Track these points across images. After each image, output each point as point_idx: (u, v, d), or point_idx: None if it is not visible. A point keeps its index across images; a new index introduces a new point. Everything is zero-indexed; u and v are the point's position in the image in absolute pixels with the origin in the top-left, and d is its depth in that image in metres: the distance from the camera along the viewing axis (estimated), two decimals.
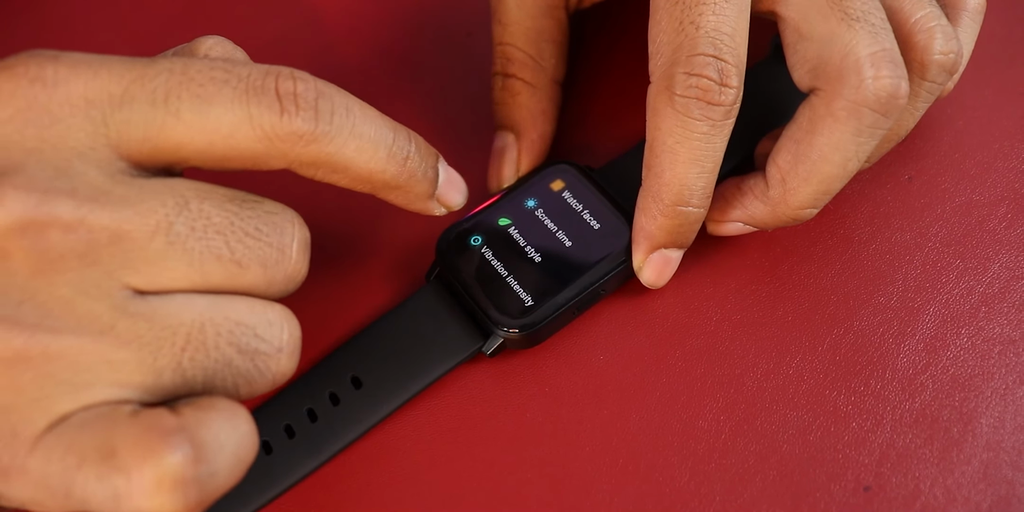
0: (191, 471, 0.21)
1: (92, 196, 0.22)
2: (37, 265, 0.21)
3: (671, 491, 0.29)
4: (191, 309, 0.23)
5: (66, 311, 0.21)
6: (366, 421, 0.30)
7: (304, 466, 0.29)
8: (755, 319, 0.32)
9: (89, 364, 0.22)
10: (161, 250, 0.22)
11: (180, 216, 0.22)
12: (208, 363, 0.23)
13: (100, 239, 0.21)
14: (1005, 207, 0.34)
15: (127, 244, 0.22)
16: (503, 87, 0.34)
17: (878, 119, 0.28)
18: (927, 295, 0.32)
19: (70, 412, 0.22)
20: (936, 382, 0.30)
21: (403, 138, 0.26)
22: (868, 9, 0.28)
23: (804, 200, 0.29)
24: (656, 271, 0.31)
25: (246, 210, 0.23)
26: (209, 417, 0.22)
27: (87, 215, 0.21)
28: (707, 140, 0.28)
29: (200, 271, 0.23)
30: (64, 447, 0.21)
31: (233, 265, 0.23)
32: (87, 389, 0.22)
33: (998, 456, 0.29)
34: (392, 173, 0.25)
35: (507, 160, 0.33)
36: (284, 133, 0.23)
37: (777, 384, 0.31)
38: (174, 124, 0.23)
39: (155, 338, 0.22)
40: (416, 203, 0.27)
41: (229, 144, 0.23)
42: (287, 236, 0.24)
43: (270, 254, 0.23)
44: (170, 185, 0.23)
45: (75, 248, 0.21)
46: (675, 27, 0.27)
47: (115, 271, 0.22)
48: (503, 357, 0.31)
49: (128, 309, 0.22)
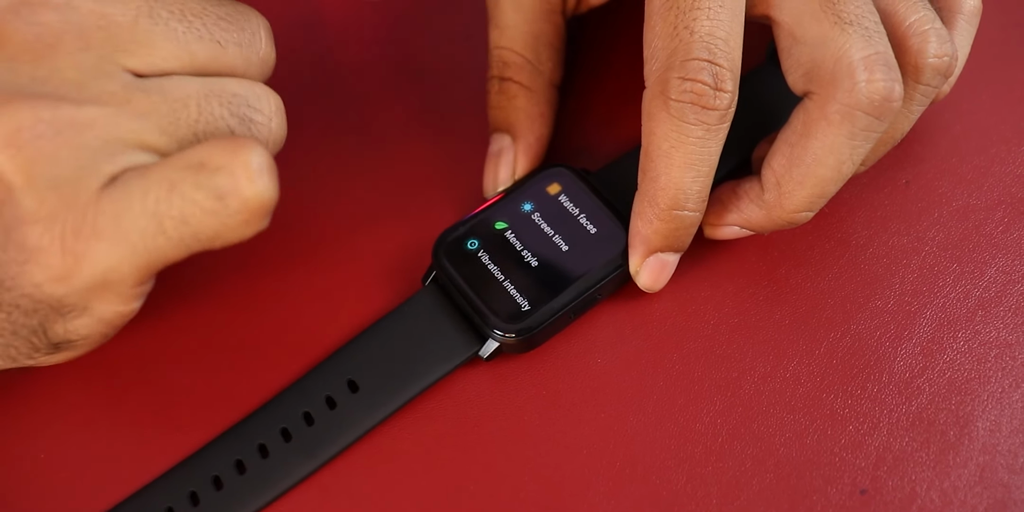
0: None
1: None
2: (36, 47, 0.22)
3: (668, 494, 0.29)
4: (192, 84, 0.24)
5: (81, 89, 0.23)
6: (362, 425, 0.30)
7: (300, 470, 0.29)
8: (752, 322, 0.32)
9: (116, 132, 0.23)
10: (147, 30, 0.24)
11: (158, 1, 0.24)
12: (215, 130, 0.24)
13: (88, 21, 0.23)
14: (1002, 211, 0.34)
15: (114, 28, 0.23)
16: (499, 90, 0.34)
17: (872, 122, 0.28)
18: (924, 299, 0.32)
19: (113, 173, 0.23)
20: (933, 386, 0.30)
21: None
22: (862, 13, 0.28)
23: (799, 203, 0.29)
24: (652, 275, 0.31)
25: (214, 2, 0.25)
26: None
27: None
28: (702, 144, 0.28)
29: (187, 50, 0.24)
30: (135, 191, 0.23)
31: (214, 44, 0.25)
32: (122, 154, 0.23)
33: (994, 459, 0.29)
34: None
35: (503, 163, 0.33)
36: None
37: (774, 387, 0.31)
38: None
39: (170, 110, 0.24)
40: None
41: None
42: (254, 23, 0.26)
43: (243, 37, 0.25)
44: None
45: (68, 28, 0.23)
46: (669, 32, 0.28)
47: (111, 54, 0.23)
48: (500, 361, 0.31)
49: (140, 86, 0.24)
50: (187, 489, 0.29)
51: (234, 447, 0.30)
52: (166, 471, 0.30)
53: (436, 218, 0.34)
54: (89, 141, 0.23)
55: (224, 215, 0.23)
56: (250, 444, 0.30)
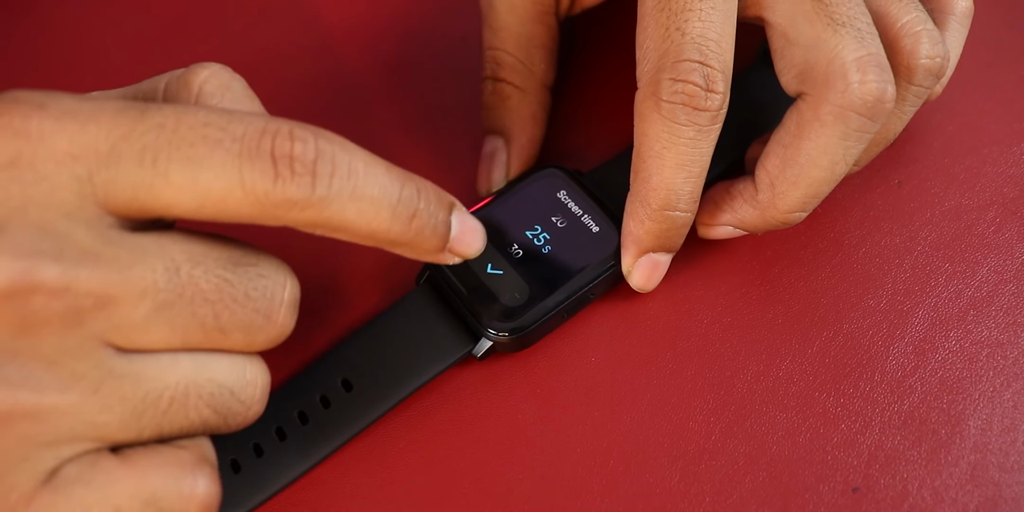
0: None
1: (79, 259, 0.21)
2: (19, 328, 0.21)
3: (661, 492, 0.29)
4: (176, 371, 0.23)
5: (49, 371, 0.21)
6: (357, 424, 0.30)
7: (295, 469, 0.29)
8: (745, 322, 0.32)
9: (72, 424, 0.21)
10: (146, 316, 0.22)
11: (169, 283, 0.22)
12: (185, 423, 0.23)
13: (85, 304, 0.21)
14: (994, 211, 0.34)
15: (112, 309, 0.21)
16: (493, 91, 0.34)
17: (865, 123, 0.28)
18: (916, 298, 0.32)
19: (55, 467, 0.22)
20: (925, 384, 0.31)
21: (410, 193, 0.24)
22: (854, 14, 0.28)
23: (793, 204, 0.30)
24: (645, 275, 0.31)
25: (238, 275, 0.23)
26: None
27: (73, 280, 0.21)
28: (693, 145, 0.28)
29: (182, 337, 0.22)
30: (76, 504, 0.21)
31: (216, 331, 0.23)
32: (69, 444, 0.22)
33: (986, 458, 0.29)
34: (397, 232, 0.24)
35: (496, 164, 0.34)
36: (278, 200, 0.22)
37: (767, 386, 0.31)
38: (162, 186, 0.21)
39: (140, 401, 0.22)
40: (427, 256, 0.25)
41: (220, 208, 0.22)
42: (276, 301, 0.23)
43: (255, 320, 0.23)
44: (161, 246, 0.22)
45: (60, 313, 0.21)
46: (661, 33, 0.28)
47: (100, 333, 0.21)
48: (493, 360, 0.32)
49: (114, 370, 0.22)
50: None
51: (229, 446, 0.30)
52: None
53: None
54: (40, 434, 0.21)
55: None
56: (245, 443, 0.30)
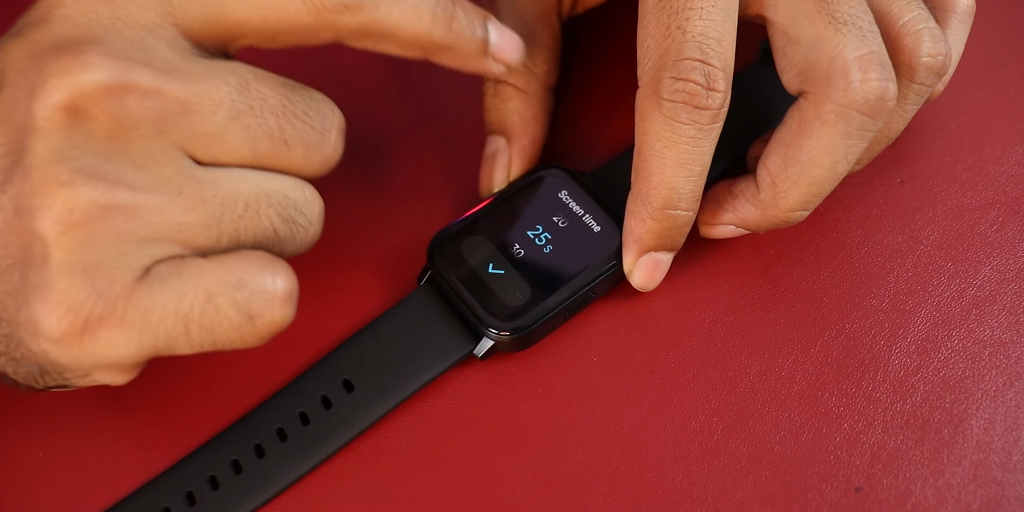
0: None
1: (165, 69, 0.24)
2: (115, 128, 0.23)
3: (664, 492, 0.29)
4: (248, 181, 0.25)
5: (140, 173, 0.23)
6: (358, 424, 0.30)
7: (296, 469, 0.29)
8: (747, 321, 0.32)
9: (161, 224, 0.23)
10: (223, 124, 0.24)
11: (240, 95, 0.24)
12: (258, 230, 0.25)
13: (171, 109, 0.23)
14: (996, 211, 0.34)
15: (194, 116, 0.24)
16: (494, 92, 0.34)
17: (866, 122, 0.28)
18: (919, 298, 0.32)
19: (148, 265, 0.24)
20: (927, 384, 0.31)
21: (446, 1, 0.27)
22: (856, 12, 0.28)
23: (794, 203, 0.29)
24: (646, 274, 0.31)
25: (296, 95, 0.25)
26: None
27: (162, 85, 0.23)
28: (695, 144, 0.28)
29: (252, 146, 0.24)
30: (172, 293, 0.23)
31: (281, 143, 0.25)
32: (159, 244, 0.24)
33: (988, 457, 0.29)
34: (439, 34, 0.27)
35: (498, 165, 0.33)
36: (331, 4, 0.25)
37: (769, 386, 0.31)
38: (232, 3, 0.25)
39: (219, 205, 0.24)
40: (471, 62, 0.28)
41: (281, 17, 0.25)
42: (328, 122, 0.26)
43: (313, 137, 0.25)
44: (231, 67, 0.25)
45: (150, 115, 0.23)
46: (662, 32, 0.28)
47: (181, 140, 0.24)
48: (495, 359, 0.32)
49: (194, 176, 0.24)
50: (184, 489, 0.29)
51: (230, 447, 0.30)
52: (163, 471, 0.30)
53: (431, 218, 0.34)
54: (134, 231, 0.23)
55: (247, 332, 0.24)
56: (246, 444, 0.30)
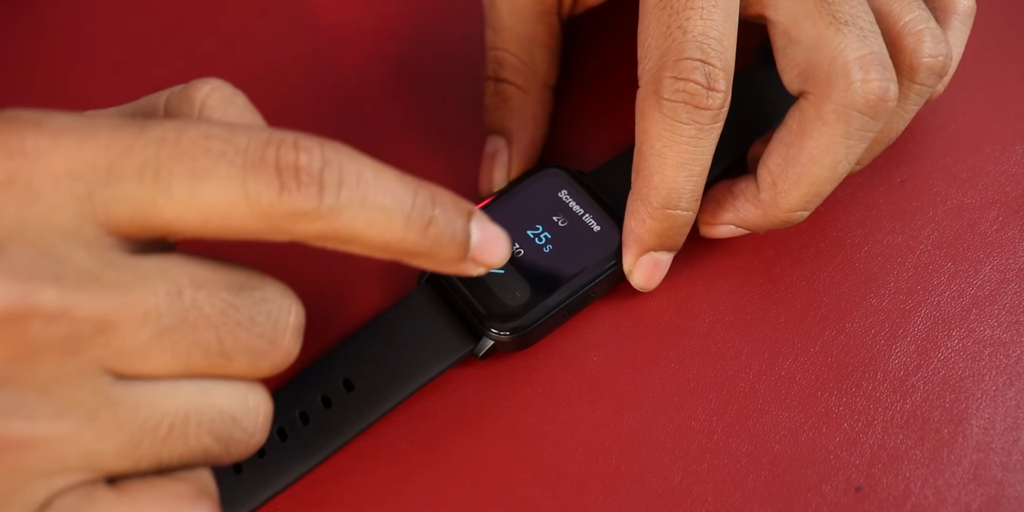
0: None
1: (78, 282, 0.20)
2: (15, 354, 0.20)
3: (663, 492, 0.29)
4: (176, 398, 0.22)
5: (45, 399, 0.20)
6: (358, 424, 0.30)
7: (297, 469, 0.29)
8: (747, 321, 0.32)
9: (66, 455, 0.21)
10: (147, 342, 0.21)
11: (171, 307, 0.21)
12: (185, 451, 0.22)
13: (84, 330, 0.20)
14: (996, 210, 0.34)
15: (112, 334, 0.20)
16: (494, 92, 0.34)
17: (867, 122, 0.28)
18: (918, 297, 0.32)
19: (47, 499, 0.21)
20: (927, 383, 0.31)
21: (424, 201, 0.23)
22: (857, 12, 0.28)
23: (795, 203, 0.29)
24: (646, 274, 0.31)
25: (242, 298, 0.22)
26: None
27: (71, 305, 0.20)
28: (695, 144, 0.28)
29: (185, 363, 0.21)
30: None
31: (220, 357, 0.22)
32: (63, 475, 0.21)
33: (988, 457, 0.29)
34: (412, 241, 0.23)
35: (498, 164, 0.34)
36: (285, 212, 0.21)
37: (769, 385, 0.31)
38: (165, 202, 0.21)
39: (138, 429, 0.21)
40: (448, 267, 0.24)
41: (225, 222, 0.21)
42: (280, 326, 0.23)
43: (260, 345, 0.22)
44: (163, 269, 0.21)
45: (57, 339, 0.20)
46: (663, 31, 0.28)
47: (98, 359, 0.21)
48: (495, 359, 0.32)
49: (111, 396, 0.21)
50: None
51: None
52: None
53: None
54: (31, 465, 0.20)
55: None
56: None
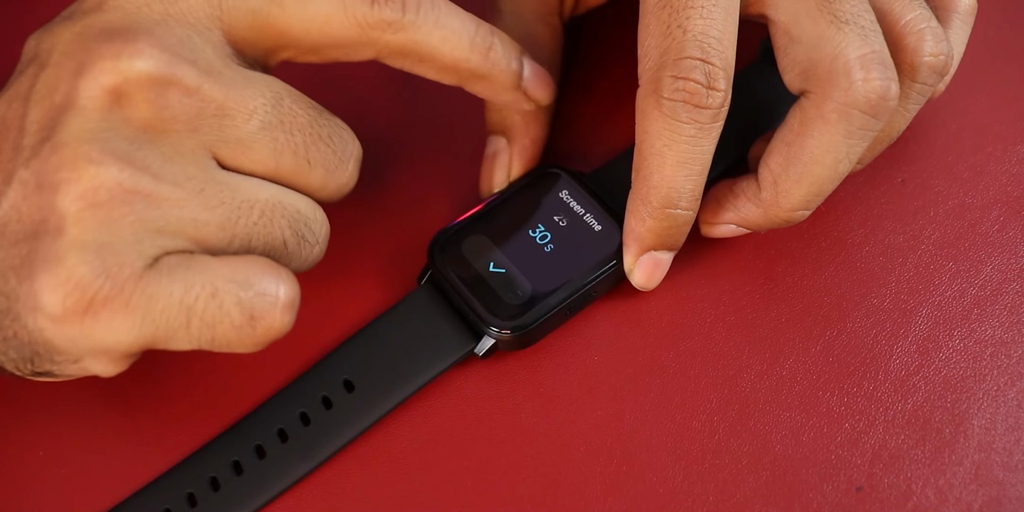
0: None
1: (208, 70, 0.24)
2: (152, 119, 0.24)
3: (665, 491, 0.29)
4: (266, 191, 0.25)
5: (166, 165, 0.24)
6: (359, 424, 0.30)
7: (298, 469, 0.29)
8: (748, 320, 0.32)
9: (179, 217, 0.24)
10: (253, 133, 0.25)
11: (274, 108, 0.25)
12: (269, 239, 0.25)
13: (208, 109, 0.24)
14: (998, 210, 0.34)
15: (227, 120, 0.24)
16: None
17: (868, 121, 0.28)
18: (920, 297, 0.32)
19: (159, 255, 0.24)
20: (928, 383, 0.31)
21: (486, 31, 0.28)
22: (858, 11, 0.28)
23: (796, 202, 0.29)
24: (646, 273, 0.31)
25: (324, 118, 0.26)
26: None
27: (203, 85, 0.24)
28: (695, 143, 0.28)
29: (277, 159, 0.25)
30: (179, 283, 0.24)
31: (304, 162, 0.26)
32: (172, 237, 0.24)
33: (989, 457, 0.29)
34: (476, 62, 0.27)
35: (499, 165, 0.33)
36: (374, 21, 0.26)
37: (770, 385, 0.31)
38: (278, 13, 0.25)
39: (236, 208, 0.25)
40: (502, 94, 0.29)
41: (324, 31, 0.26)
42: (349, 150, 0.27)
43: (333, 161, 0.26)
44: (268, 80, 0.26)
45: (188, 111, 0.24)
46: (663, 31, 0.28)
47: (211, 142, 0.24)
48: (496, 358, 0.32)
49: (217, 177, 0.25)
50: (185, 490, 0.29)
51: (231, 448, 0.30)
52: (164, 472, 0.30)
53: (432, 218, 0.34)
54: (153, 219, 0.24)
55: (245, 333, 0.25)
56: (247, 445, 0.30)
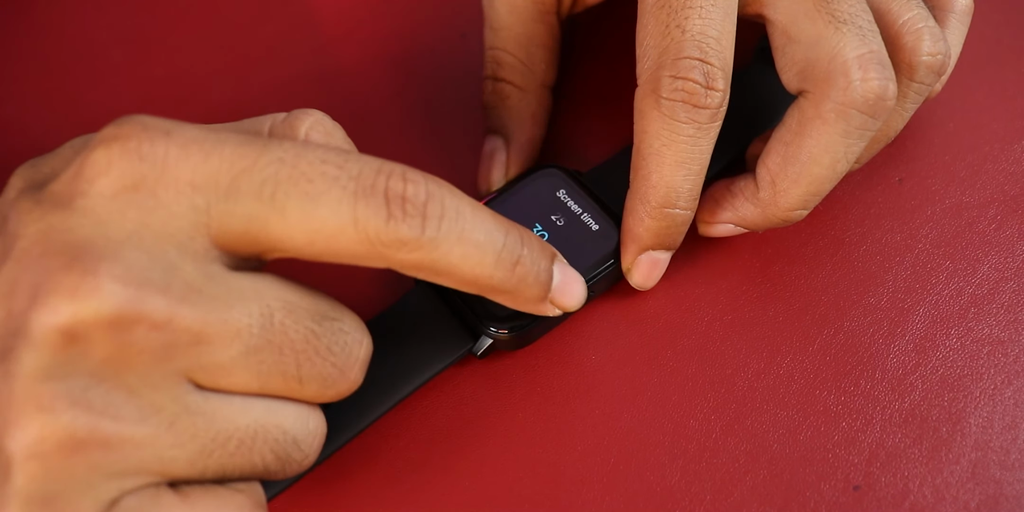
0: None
1: (184, 294, 0.21)
2: (113, 356, 0.21)
3: (662, 490, 0.29)
4: (248, 414, 0.23)
5: (133, 401, 0.21)
6: (356, 424, 0.30)
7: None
8: (746, 319, 0.32)
9: (142, 458, 0.22)
10: (234, 358, 0.22)
11: (262, 329, 0.22)
12: (247, 466, 0.23)
13: (182, 339, 0.21)
14: (995, 209, 0.34)
15: (205, 347, 0.22)
16: (493, 91, 0.34)
17: (866, 121, 0.28)
18: (917, 296, 0.32)
19: (116, 498, 0.22)
20: (926, 382, 0.31)
21: (514, 241, 0.24)
22: (856, 11, 0.28)
23: (794, 202, 0.29)
24: (644, 273, 0.31)
25: (324, 327, 0.23)
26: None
27: (176, 315, 0.21)
28: (693, 143, 0.28)
29: (262, 382, 0.23)
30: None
31: (295, 381, 0.23)
32: (133, 477, 0.22)
33: (986, 455, 0.29)
34: (500, 278, 0.24)
35: (496, 164, 0.33)
36: (389, 239, 0.22)
37: (768, 384, 0.31)
38: (278, 220, 0.22)
39: (211, 440, 0.22)
40: (528, 306, 0.26)
41: (330, 244, 0.22)
42: (353, 357, 0.24)
43: (332, 373, 0.23)
44: (259, 290, 0.23)
45: (156, 345, 0.21)
46: (661, 31, 0.28)
47: (185, 368, 0.22)
48: (494, 358, 0.32)
49: (190, 406, 0.22)
50: None
51: None
52: None
53: None
54: (109, 464, 0.21)
55: None
56: None
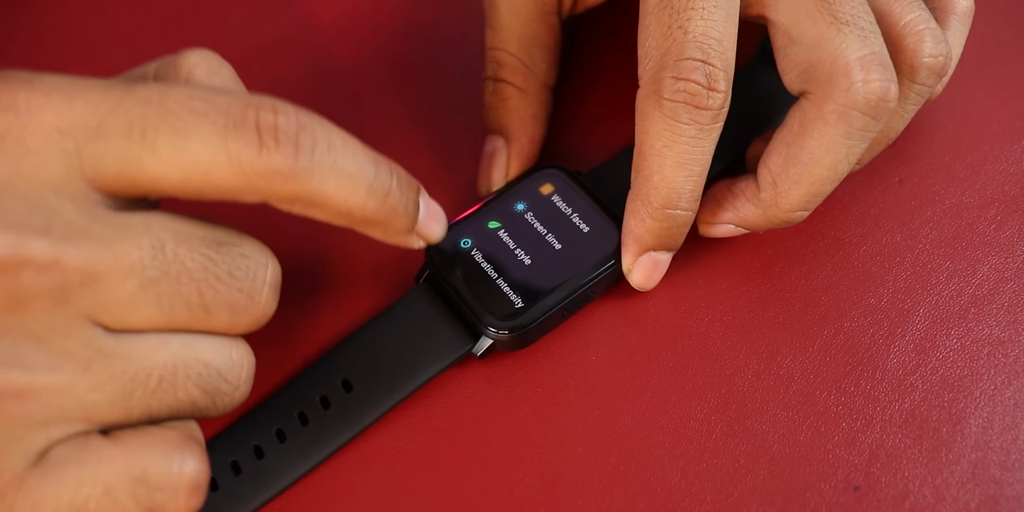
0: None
1: (67, 234, 0.21)
2: (8, 304, 0.20)
3: (662, 491, 0.29)
4: (164, 350, 0.23)
5: (41, 350, 0.21)
6: (357, 424, 0.30)
7: (295, 470, 0.29)
8: (746, 320, 0.32)
9: (62, 405, 0.21)
10: (132, 293, 0.22)
11: (155, 260, 0.22)
12: (174, 402, 0.23)
13: (73, 279, 0.21)
14: (995, 209, 0.34)
15: (100, 286, 0.21)
16: (494, 91, 0.34)
17: (868, 122, 0.28)
18: (917, 296, 0.32)
19: (44, 448, 0.22)
20: (926, 383, 0.31)
21: (384, 173, 0.24)
22: (857, 13, 0.28)
23: (795, 203, 0.29)
24: (645, 273, 0.31)
25: (221, 254, 0.23)
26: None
27: (61, 255, 0.21)
28: (695, 144, 0.28)
29: (168, 314, 0.22)
30: (67, 483, 0.21)
31: (201, 310, 0.23)
32: (58, 425, 0.22)
33: (987, 456, 0.29)
34: (372, 209, 0.24)
35: (496, 164, 0.34)
36: (263, 169, 0.22)
37: (768, 384, 0.31)
38: (150, 158, 0.22)
39: (130, 380, 0.22)
40: (395, 237, 0.26)
41: (206, 179, 0.22)
42: (258, 281, 0.24)
43: (239, 300, 0.23)
44: (147, 224, 0.22)
45: (48, 288, 0.21)
46: (663, 32, 0.28)
47: (87, 310, 0.21)
48: (494, 358, 0.32)
49: (103, 348, 0.22)
50: None
51: (229, 448, 0.30)
52: None
53: None
54: (29, 415, 0.21)
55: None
56: (245, 445, 0.30)
